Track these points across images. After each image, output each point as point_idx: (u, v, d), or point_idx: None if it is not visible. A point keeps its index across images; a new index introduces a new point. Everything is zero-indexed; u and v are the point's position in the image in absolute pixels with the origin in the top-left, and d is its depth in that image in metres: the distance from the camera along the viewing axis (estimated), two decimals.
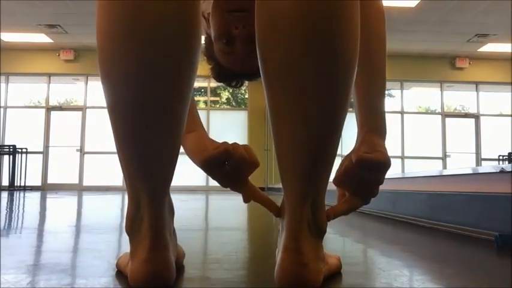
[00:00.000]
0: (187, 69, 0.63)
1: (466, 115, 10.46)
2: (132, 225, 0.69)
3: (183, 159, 0.80)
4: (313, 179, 0.67)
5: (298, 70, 0.62)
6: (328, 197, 0.71)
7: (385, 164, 0.77)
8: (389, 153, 0.78)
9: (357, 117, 0.85)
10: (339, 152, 0.70)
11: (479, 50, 9.40)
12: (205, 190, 8.77)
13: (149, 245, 0.65)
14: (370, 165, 0.76)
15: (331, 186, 0.75)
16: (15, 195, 5.60)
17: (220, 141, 0.78)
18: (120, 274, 0.79)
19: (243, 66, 1.01)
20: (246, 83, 1.15)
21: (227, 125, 10.02)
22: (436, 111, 10.51)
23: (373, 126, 0.82)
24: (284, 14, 0.62)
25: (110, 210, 2.77)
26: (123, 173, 0.67)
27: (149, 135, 0.63)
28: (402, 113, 10.25)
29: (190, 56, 0.63)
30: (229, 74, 1.07)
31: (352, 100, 0.77)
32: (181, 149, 0.73)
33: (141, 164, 0.65)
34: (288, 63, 0.63)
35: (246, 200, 0.78)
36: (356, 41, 0.64)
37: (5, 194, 5.73)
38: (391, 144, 9.86)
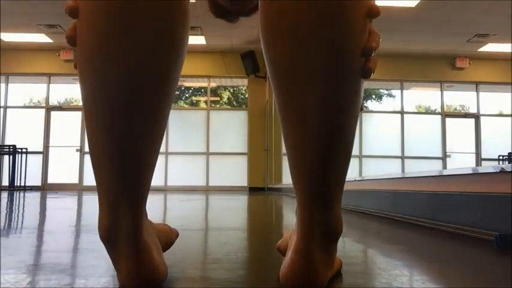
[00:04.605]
0: (170, 70, 0.61)
1: (466, 115, 10.47)
2: (109, 235, 0.64)
3: (183, 159, 0.79)
4: (325, 180, 0.64)
5: (304, 70, 0.60)
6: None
7: None
8: (390, 153, 0.76)
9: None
10: (358, 153, 0.67)
11: (479, 50, 9.41)
12: (205, 190, 8.76)
13: (132, 255, 0.63)
14: None
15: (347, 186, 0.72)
16: (15, 195, 5.60)
17: (220, 140, 0.76)
18: None
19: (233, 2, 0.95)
20: (246, 82, 1.13)
21: (227, 125, 10.02)
22: (436, 111, 10.51)
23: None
24: (285, 13, 0.60)
25: None
26: (96, 182, 0.63)
27: (128, 138, 0.60)
28: (402, 113, 10.25)
29: (176, 55, 0.61)
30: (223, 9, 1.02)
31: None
32: (184, 150, 0.71)
33: (123, 170, 0.62)
34: (294, 63, 0.61)
35: None
36: (361, 38, 0.61)
37: (5, 194, 5.73)
38: (391, 144, 9.87)
